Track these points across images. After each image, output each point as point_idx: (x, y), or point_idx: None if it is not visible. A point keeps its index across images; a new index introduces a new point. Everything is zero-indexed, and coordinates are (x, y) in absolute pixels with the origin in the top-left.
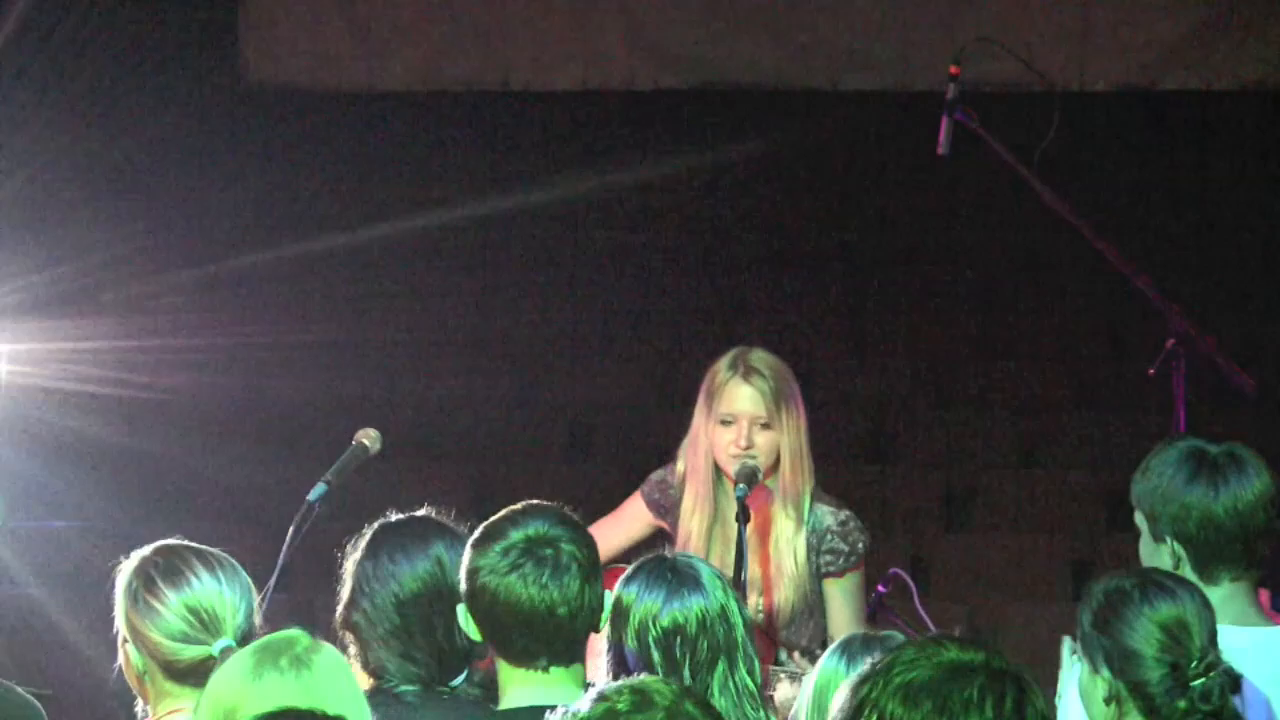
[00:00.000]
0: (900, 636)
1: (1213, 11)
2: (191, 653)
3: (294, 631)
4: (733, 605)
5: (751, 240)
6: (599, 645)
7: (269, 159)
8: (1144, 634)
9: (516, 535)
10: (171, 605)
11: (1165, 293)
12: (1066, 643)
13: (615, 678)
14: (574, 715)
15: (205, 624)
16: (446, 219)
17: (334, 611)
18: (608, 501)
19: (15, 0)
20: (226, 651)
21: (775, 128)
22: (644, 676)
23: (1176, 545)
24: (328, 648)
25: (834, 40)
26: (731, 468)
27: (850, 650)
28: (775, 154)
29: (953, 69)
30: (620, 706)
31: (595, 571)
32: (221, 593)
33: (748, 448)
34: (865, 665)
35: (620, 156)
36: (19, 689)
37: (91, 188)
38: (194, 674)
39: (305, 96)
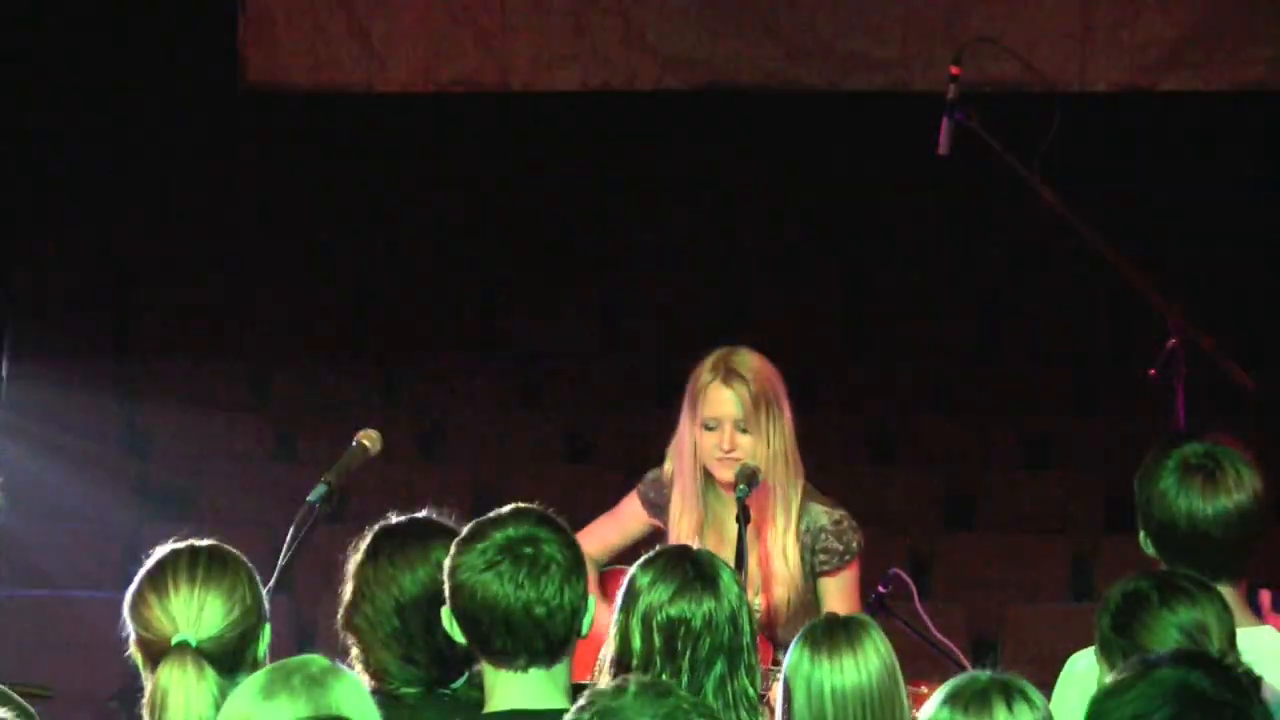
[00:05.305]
0: (865, 618)
1: (1213, 11)
2: (156, 648)
3: (313, 655)
4: (744, 612)
5: (751, 240)
6: None
7: (269, 159)
8: (1162, 636)
9: (498, 535)
10: (151, 605)
11: (1165, 293)
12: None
13: (619, 658)
14: None
15: (175, 627)
16: (446, 219)
17: (335, 614)
18: (607, 504)
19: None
20: (182, 646)
21: (775, 128)
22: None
23: (1148, 541)
24: (349, 673)
25: (834, 40)
26: (719, 471)
27: (814, 639)
28: (775, 154)
29: (953, 69)
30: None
31: (576, 574)
32: (192, 601)
33: (730, 450)
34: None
35: (619, 156)
36: (16, 697)
37: (92, 187)
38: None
39: (305, 97)
